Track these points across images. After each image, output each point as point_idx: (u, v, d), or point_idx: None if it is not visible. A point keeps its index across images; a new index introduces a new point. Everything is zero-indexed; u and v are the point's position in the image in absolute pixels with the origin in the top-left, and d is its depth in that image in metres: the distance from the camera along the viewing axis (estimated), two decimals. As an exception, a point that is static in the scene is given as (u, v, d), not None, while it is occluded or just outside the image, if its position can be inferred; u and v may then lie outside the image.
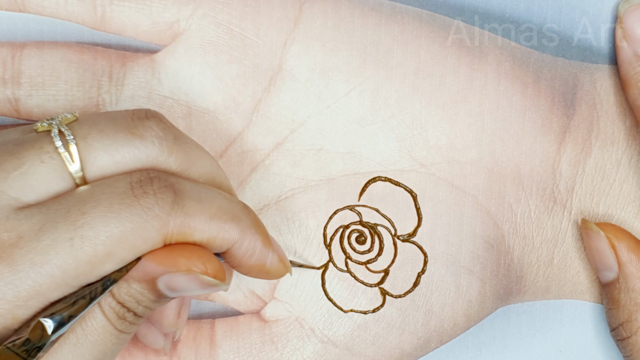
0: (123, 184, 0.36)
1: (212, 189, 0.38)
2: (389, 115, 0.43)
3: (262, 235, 0.39)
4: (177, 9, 0.42)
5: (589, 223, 0.43)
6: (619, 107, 0.44)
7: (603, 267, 0.43)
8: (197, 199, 0.37)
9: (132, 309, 0.37)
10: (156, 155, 0.37)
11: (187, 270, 0.37)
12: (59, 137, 0.36)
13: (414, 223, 0.43)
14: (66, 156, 0.36)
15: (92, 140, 0.36)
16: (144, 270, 0.36)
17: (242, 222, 0.38)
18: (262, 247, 0.39)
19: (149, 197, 0.36)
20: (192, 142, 0.39)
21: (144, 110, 0.38)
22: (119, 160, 0.37)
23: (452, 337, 0.44)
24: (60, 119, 0.37)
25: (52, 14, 0.42)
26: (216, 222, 0.37)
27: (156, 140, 0.37)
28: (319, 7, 0.43)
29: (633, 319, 0.42)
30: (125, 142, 0.37)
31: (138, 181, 0.36)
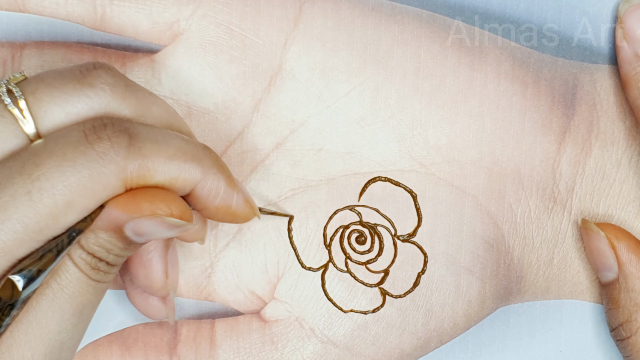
0: (76, 133, 0.36)
1: (169, 131, 0.38)
2: (389, 115, 0.43)
3: (224, 175, 0.39)
4: (177, 9, 0.42)
5: (588, 223, 0.43)
6: (619, 107, 0.44)
7: (603, 267, 0.43)
8: (154, 141, 0.37)
9: (103, 258, 0.37)
10: (108, 102, 0.37)
11: (151, 214, 0.36)
12: (8, 95, 0.36)
13: (414, 223, 0.43)
14: (16, 113, 0.36)
15: (40, 94, 0.36)
16: (109, 218, 0.36)
17: (203, 162, 0.38)
18: (225, 188, 0.39)
19: (103, 142, 0.36)
20: (145, 90, 0.38)
21: (91, 63, 0.38)
22: (70, 111, 0.36)
23: (452, 337, 0.44)
24: (8, 78, 0.37)
25: (52, 14, 0.42)
26: (175, 162, 0.37)
27: (107, 87, 0.37)
28: (319, 7, 0.43)
29: (633, 319, 0.42)
30: (75, 92, 0.37)
31: (91, 128, 0.36)
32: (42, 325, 0.36)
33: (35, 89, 0.36)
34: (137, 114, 0.38)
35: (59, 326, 0.36)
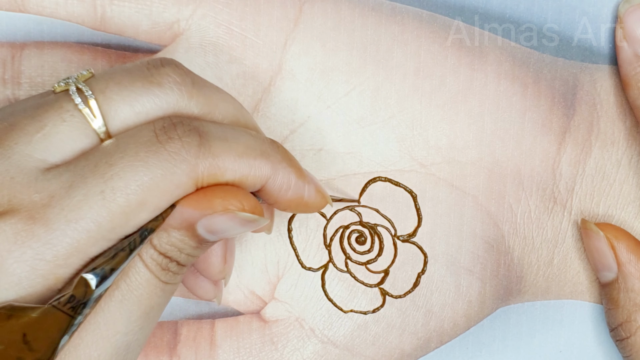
0: (147, 132, 0.36)
1: (237, 128, 0.38)
2: (389, 115, 0.43)
3: (294, 168, 0.39)
4: (177, 9, 0.42)
5: (588, 223, 0.43)
6: (619, 107, 0.44)
7: (602, 267, 0.43)
8: (224, 139, 0.37)
9: (174, 258, 0.37)
10: (176, 100, 0.37)
11: (224, 210, 0.36)
12: (77, 94, 0.36)
13: (414, 223, 0.43)
14: (87, 112, 0.36)
15: (110, 93, 0.36)
16: (181, 216, 0.36)
17: (272, 157, 0.38)
18: (296, 180, 0.39)
19: (174, 142, 0.36)
20: (212, 85, 0.38)
21: (158, 59, 0.38)
22: (139, 110, 0.36)
23: (452, 337, 0.44)
24: (76, 76, 0.37)
25: (52, 14, 0.42)
26: (245, 159, 0.37)
27: (174, 86, 0.37)
28: (319, 8, 0.43)
29: (632, 319, 0.42)
30: (144, 91, 0.37)
31: (162, 128, 0.36)
32: (109, 326, 0.36)
33: (105, 87, 0.36)
34: (204, 111, 0.38)
35: (126, 328, 0.36)
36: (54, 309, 0.34)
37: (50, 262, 0.34)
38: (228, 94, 0.39)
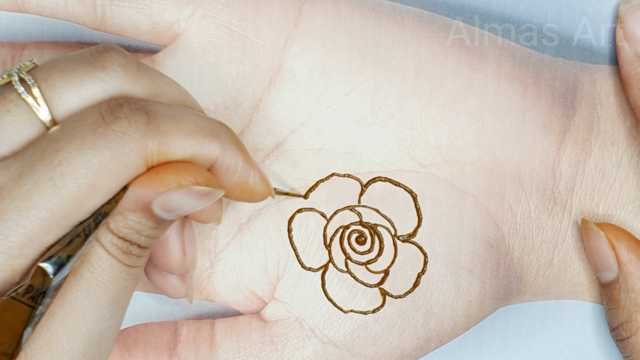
0: (93, 115, 0.35)
1: (184, 109, 0.38)
2: (389, 115, 0.43)
3: (242, 152, 0.39)
4: (177, 9, 0.42)
5: (588, 223, 0.43)
6: (619, 107, 0.44)
7: (603, 267, 0.43)
8: (172, 117, 0.36)
9: (134, 241, 0.37)
10: (121, 83, 0.37)
11: (178, 186, 0.36)
12: (20, 83, 0.36)
13: (414, 223, 0.43)
14: (31, 101, 0.36)
15: (53, 80, 0.36)
16: (136, 197, 0.36)
17: (222, 138, 0.38)
18: (243, 164, 0.38)
19: (121, 121, 0.35)
20: (156, 70, 0.38)
21: (101, 44, 0.38)
22: (84, 95, 0.36)
23: (452, 337, 0.44)
24: (19, 67, 0.37)
25: (52, 15, 0.42)
26: (195, 137, 0.37)
27: (119, 68, 0.37)
28: (319, 8, 0.43)
29: (633, 319, 0.42)
30: (88, 75, 0.36)
31: (107, 108, 0.36)
32: (79, 316, 0.36)
33: (48, 75, 0.36)
34: (150, 93, 0.37)
35: (97, 316, 0.36)
36: (13, 300, 0.34)
37: (4, 253, 0.34)
38: (173, 79, 0.39)
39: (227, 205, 0.44)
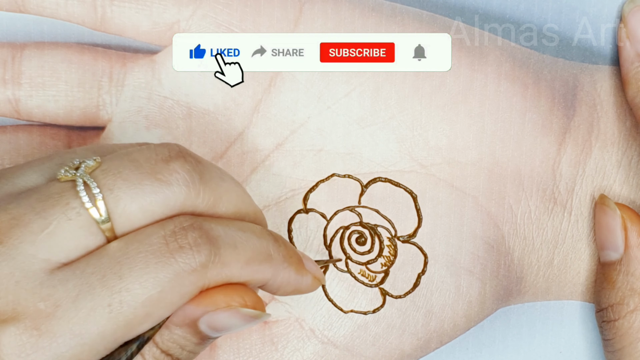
0: (157, 239, 0.35)
1: (244, 229, 0.37)
2: (389, 116, 0.43)
3: (294, 266, 0.38)
4: (177, 9, 0.42)
5: (607, 199, 0.43)
6: (619, 108, 0.44)
7: (609, 245, 0.43)
8: (233, 246, 0.36)
9: (176, 355, 0.36)
10: (184, 199, 0.36)
11: (226, 306, 0.36)
12: (84, 189, 0.35)
13: (414, 224, 0.43)
14: (94, 212, 0.35)
15: (118, 191, 0.35)
16: (184, 314, 0.36)
17: (275, 260, 0.37)
18: (295, 276, 0.38)
19: (184, 251, 0.35)
20: (217, 174, 0.37)
21: (166, 149, 0.36)
22: (147, 208, 0.35)
23: (452, 337, 0.44)
24: (83, 168, 0.35)
25: (52, 15, 0.42)
26: (251, 266, 0.36)
27: (182, 184, 0.36)
28: (319, 8, 0.43)
29: (625, 302, 0.42)
30: (152, 189, 0.35)
31: (172, 234, 0.35)
32: None
33: (113, 184, 0.35)
34: (210, 205, 0.37)
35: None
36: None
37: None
38: (231, 179, 0.38)
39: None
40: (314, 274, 0.39)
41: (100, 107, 0.43)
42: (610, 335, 0.43)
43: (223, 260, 0.35)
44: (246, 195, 0.38)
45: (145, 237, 0.35)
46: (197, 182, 0.36)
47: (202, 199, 0.36)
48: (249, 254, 0.36)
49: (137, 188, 0.35)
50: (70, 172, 0.35)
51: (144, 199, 0.35)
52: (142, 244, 0.35)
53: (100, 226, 0.35)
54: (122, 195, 0.35)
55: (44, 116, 0.43)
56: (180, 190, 0.35)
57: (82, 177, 0.35)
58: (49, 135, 0.44)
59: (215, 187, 0.37)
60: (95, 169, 0.35)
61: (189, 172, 0.36)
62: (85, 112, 0.43)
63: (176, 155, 0.36)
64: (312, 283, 0.39)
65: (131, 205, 0.35)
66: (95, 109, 0.43)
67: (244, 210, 0.38)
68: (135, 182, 0.35)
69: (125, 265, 0.34)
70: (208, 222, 0.36)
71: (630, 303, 0.42)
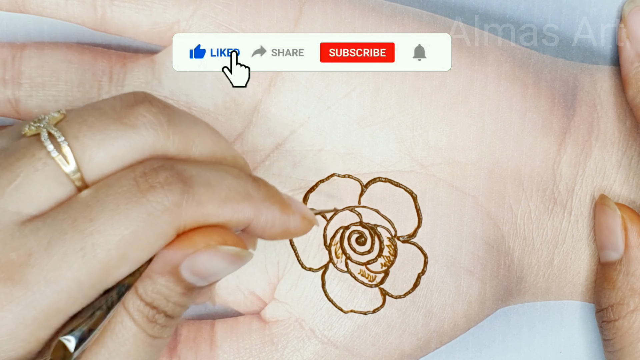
0: (127, 181, 0.34)
1: (219, 169, 0.36)
2: (389, 116, 0.43)
3: (278, 204, 0.37)
4: (177, 9, 0.42)
5: (607, 199, 0.43)
6: (619, 108, 0.44)
7: (609, 245, 0.43)
8: (207, 184, 0.35)
9: (161, 308, 0.35)
10: (153, 142, 0.35)
11: (206, 246, 0.35)
12: (50, 140, 0.35)
13: (414, 224, 0.43)
14: (60, 159, 0.34)
15: (84, 138, 0.35)
16: (164, 260, 0.35)
17: (255, 198, 0.36)
18: (280, 215, 0.37)
19: (156, 191, 0.34)
20: (188, 118, 0.37)
21: (131, 95, 0.36)
22: (115, 153, 0.35)
23: (452, 338, 0.44)
24: (47, 119, 0.35)
25: (52, 15, 0.42)
26: (229, 204, 0.36)
27: (150, 126, 0.35)
28: (319, 8, 0.43)
29: (625, 302, 0.42)
30: (118, 134, 0.35)
31: (142, 174, 0.35)
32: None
33: (78, 131, 0.35)
34: (181, 149, 0.36)
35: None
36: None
37: (30, 325, 0.33)
38: (205, 124, 0.37)
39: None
40: (301, 212, 0.38)
41: (100, 107, 0.43)
42: (610, 336, 0.43)
43: (197, 198, 0.35)
44: (222, 140, 0.38)
45: (115, 181, 0.35)
46: (165, 125, 0.36)
47: (173, 142, 0.36)
48: (224, 191, 0.36)
49: (103, 134, 0.35)
50: (35, 126, 0.35)
51: (111, 145, 0.35)
52: (112, 187, 0.34)
53: (69, 174, 0.34)
54: (88, 142, 0.35)
55: (44, 116, 0.43)
56: (147, 134, 0.35)
57: (46, 127, 0.35)
58: None
59: (186, 129, 0.36)
60: (60, 121, 0.35)
61: (155, 114, 0.36)
62: None
63: (142, 100, 0.36)
64: (301, 223, 0.38)
65: (98, 151, 0.35)
66: (95, 109, 0.43)
67: (220, 154, 0.37)
68: (100, 128, 0.35)
69: (96, 209, 0.34)
70: (180, 163, 0.36)
71: (630, 303, 0.42)
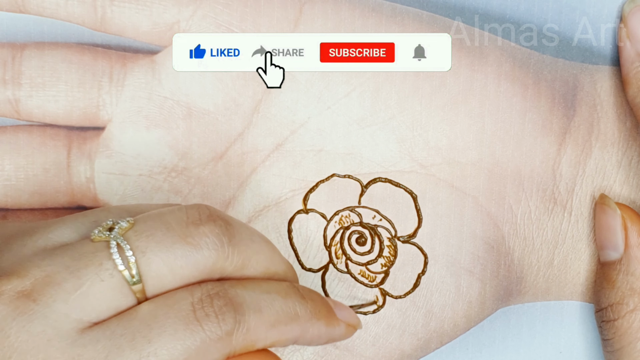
0: (185, 306, 0.35)
1: (269, 289, 0.38)
2: (389, 116, 0.43)
3: (324, 319, 0.38)
4: (177, 10, 0.42)
5: (607, 199, 0.43)
6: (619, 108, 0.44)
7: (609, 245, 0.43)
8: (258, 310, 0.36)
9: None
10: (213, 263, 0.37)
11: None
12: (117, 251, 0.36)
13: (414, 224, 0.43)
14: (127, 274, 0.35)
15: (150, 254, 0.36)
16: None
17: (302, 318, 0.38)
18: (326, 329, 0.39)
19: (210, 319, 0.35)
20: (246, 234, 0.38)
21: (197, 212, 0.37)
22: (177, 272, 0.36)
23: (452, 338, 0.44)
24: (117, 230, 0.36)
25: (52, 15, 0.42)
26: (277, 328, 0.37)
27: (212, 248, 0.36)
28: (319, 9, 0.43)
29: (625, 302, 0.42)
30: (182, 253, 0.36)
31: (199, 301, 0.36)
32: None
33: (146, 247, 0.36)
34: (238, 267, 0.37)
35: None
36: None
37: None
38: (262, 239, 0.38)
39: (226, 206, 0.44)
40: (347, 322, 0.40)
41: (100, 108, 0.43)
42: (609, 335, 0.43)
43: (248, 326, 0.36)
44: (276, 254, 0.39)
45: (175, 302, 0.36)
46: (226, 246, 0.37)
47: (231, 262, 0.37)
48: (273, 316, 0.37)
49: (169, 251, 0.36)
50: (104, 234, 0.36)
51: (174, 262, 0.36)
52: (172, 309, 0.35)
53: (132, 287, 0.35)
54: (154, 257, 0.36)
55: (44, 116, 0.43)
56: (209, 254, 0.36)
57: (115, 239, 0.36)
58: (49, 135, 0.44)
59: (244, 249, 0.37)
60: (128, 230, 0.36)
61: (218, 236, 0.37)
62: (85, 113, 0.43)
63: (207, 219, 0.37)
64: (346, 331, 0.39)
65: (162, 267, 0.36)
66: (95, 109, 0.43)
67: (272, 269, 0.39)
68: (167, 245, 0.36)
69: (155, 330, 0.35)
70: (234, 288, 0.37)
71: (630, 303, 0.42)
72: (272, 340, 0.37)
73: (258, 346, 0.37)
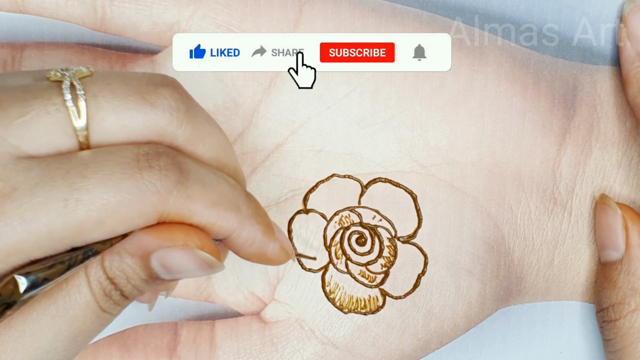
0: (129, 153, 0.35)
1: (217, 174, 0.37)
2: (389, 116, 0.43)
3: (263, 225, 0.38)
4: (177, 10, 0.42)
5: (608, 199, 0.43)
6: (619, 108, 0.44)
7: (610, 245, 0.43)
8: (202, 183, 0.36)
9: (120, 285, 0.36)
10: (165, 125, 0.36)
11: (183, 245, 0.35)
12: (70, 90, 0.35)
13: (414, 224, 0.43)
14: (73, 110, 0.35)
15: (102, 99, 0.35)
16: (139, 243, 0.35)
17: (242, 212, 0.37)
18: (262, 237, 0.38)
19: (153, 172, 0.35)
20: (204, 115, 0.37)
21: (160, 76, 0.37)
22: (125, 124, 0.35)
23: (452, 338, 0.44)
24: (74, 71, 0.36)
25: (52, 15, 0.42)
26: (216, 209, 0.36)
27: (167, 110, 0.36)
28: (319, 9, 0.43)
29: (626, 302, 0.42)
30: (135, 106, 0.35)
31: (145, 153, 0.35)
32: (34, 338, 0.35)
33: (99, 91, 0.35)
34: (189, 141, 0.37)
35: (50, 345, 0.35)
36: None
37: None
38: (218, 128, 0.38)
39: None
40: (282, 243, 0.39)
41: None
42: (611, 335, 0.43)
43: (189, 193, 0.35)
44: (229, 147, 0.38)
45: (117, 150, 0.35)
46: (182, 112, 0.36)
47: (184, 131, 0.36)
48: (216, 195, 0.36)
49: (121, 101, 0.35)
50: (60, 73, 0.36)
51: (125, 114, 0.35)
52: (113, 154, 0.35)
53: (76, 127, 0.35)
54: (105, 104, 0.35)
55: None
56: (163, 115, 0.36)
57: (70, 77, 0.35)
58: None
59: (199, 125, 0.37)
60: (86, 77, 0.36)
61: (176, 100, 0.36)
62: None
63: (168, 84, 0.36)
64: (279, 252, 0.39)
65: (111, 116, 0.35)
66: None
67: (223, 159, 0.38)
68: (121, 95, 0.35)
69: (91, 168, 0.34)
70: (183, 155, 0.36)
71: (631, 303, 0.42)
72: (208, 219, 0.36)
73: (193, 220, 0.36)
